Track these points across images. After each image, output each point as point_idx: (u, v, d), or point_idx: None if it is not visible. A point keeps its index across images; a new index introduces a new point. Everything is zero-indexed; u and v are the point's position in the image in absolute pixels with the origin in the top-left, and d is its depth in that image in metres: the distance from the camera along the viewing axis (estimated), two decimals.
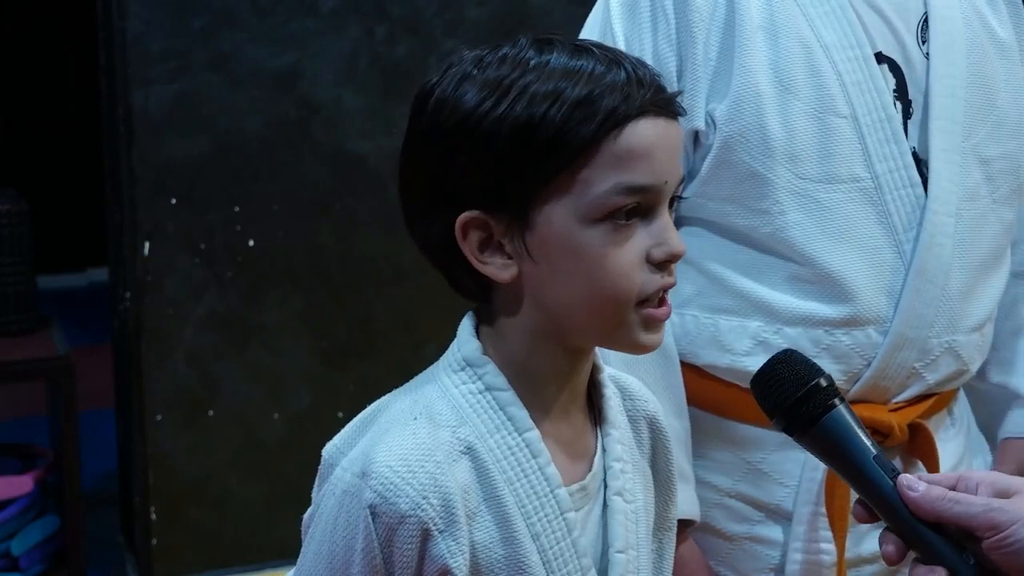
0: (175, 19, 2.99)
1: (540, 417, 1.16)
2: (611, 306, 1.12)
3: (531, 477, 1.14)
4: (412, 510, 1.08)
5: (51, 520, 2.93)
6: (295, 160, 3.12)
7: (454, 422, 1.13)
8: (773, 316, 1.56)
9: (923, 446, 1.60)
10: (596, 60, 1.12)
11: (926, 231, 1.55)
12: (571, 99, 1.09)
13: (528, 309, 1.15)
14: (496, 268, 1.13)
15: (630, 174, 1.10)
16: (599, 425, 1.22)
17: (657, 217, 1.13)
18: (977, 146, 1.59)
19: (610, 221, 1.11)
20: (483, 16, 3.19)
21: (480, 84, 1.11)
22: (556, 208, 1.11)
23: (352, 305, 3.19)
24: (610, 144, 1.10)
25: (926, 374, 1.59)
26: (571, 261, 1.11)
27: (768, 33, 1.54)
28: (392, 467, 1.09)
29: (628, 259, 1.11)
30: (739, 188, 1.56)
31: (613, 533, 1.19)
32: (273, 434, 3.15)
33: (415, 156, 1.15)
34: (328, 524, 1.12)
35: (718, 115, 1.54)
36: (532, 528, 1.14)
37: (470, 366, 1.16)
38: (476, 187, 1.11)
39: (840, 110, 1.54)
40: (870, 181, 1.55)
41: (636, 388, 1.29)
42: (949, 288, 1.57)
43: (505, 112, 1.09)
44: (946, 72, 1.58)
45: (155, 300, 3.04)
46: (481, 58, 1.14)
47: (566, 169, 1.10)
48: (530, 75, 1.11)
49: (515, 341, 1.16)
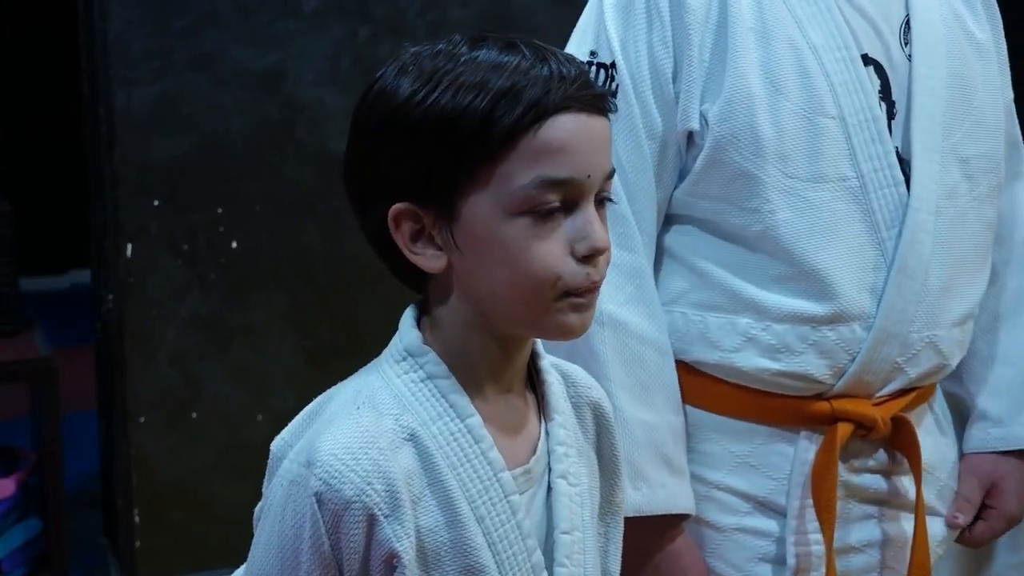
0: (157, 19, 2.98)
1: (481, 403, 1.19)
2: (535, 297, 1.14)
3: (474, 462, 1.17)
4: (357, 496, 1.11)
5: (34, 523, 2.92)
6: (278, 160, 3.12)
7: (396, 410, 1.16)
8: (761, 313, 1.58)
9: (906, 439, 1.63)
10: (523, 55, 1.15)
11: (908, 229, 1.57)
12: (494, 90, 1.12)
13: (459, 299, 1.17)
14: (426, 259, 1.16)
15: (550, 167, 1.12)
16: (542, 411, 1.24)
17: (581, 211, 1.14)
18: (956, 145, 1.62)
19: (532, 214, 1.13)
20: (466, 17, 3.19)
21: (414, 76, 1.14)
22: (480, 200, 1.13)
23: (336, 305, 3.19)
24: (530, 137, 1.12)
25: (908, 368, 1.61)
26: (495, 253, 1.14)
27: (759, 35, 1.56)
28: (336, 455, 1.12)
29: (551, 251, 1.13)
30: (730, 187, 1.58)
31: (557, 515, 1.21)
32: (257, 435, 3.14)
33: (354, 146, 1.19)
34: (276, 515, 1.14)
35: (711, 116, 1.56)
36: (476, 511, 1.16)
37: (411, 356, 1.19)
38: (406, 178, 1.14)
39: (828, 111, 1.56)
40: (856, 180, 1.57)
41: (579, 375, 1.31)
42: (929, 284, 1.59)
43: (433, 102, 1.12)
44: (927, 73, 1.61)
45: (138, 301, 3.03)
46: (419, 52, 1.17)
47: (488, 161, 1.12)
48: (460, 67, 1.13)
49: (451, 330, 1.19)
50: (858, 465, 1.62)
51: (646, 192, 1.59)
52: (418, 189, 1.14)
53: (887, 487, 1.64)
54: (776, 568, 1.63)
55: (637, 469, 1.57)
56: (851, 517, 1.62)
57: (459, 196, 1.14)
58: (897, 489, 1.64)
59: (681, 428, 1.62)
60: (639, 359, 1.59)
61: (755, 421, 1.62)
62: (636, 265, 1.59)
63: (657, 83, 1.58)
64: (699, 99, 1.57)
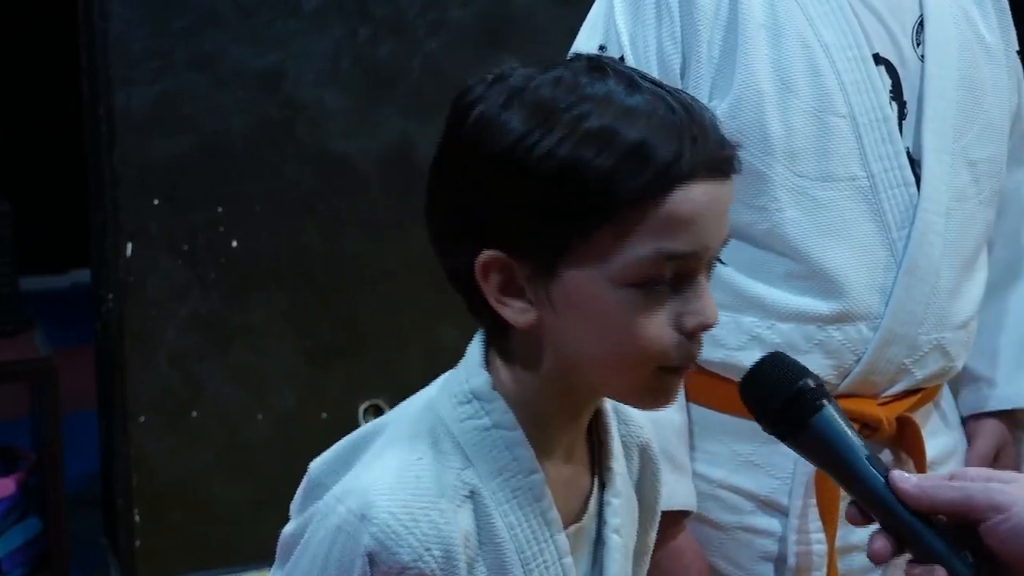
0: (157, 19, 2.98)
1: (544, 457, 1.11)
2: (635, 369, 1.06)
3: (532, 522, 1.10)
4: (414, 561, 1.04)
5: (33, 523, 2.92)
6: (278, 160, 3.11)
7: (459, 464, 1.08)
8: (767, 312, 1.58)
9: (911, 439, 1.63)
10: (652, 96, 1.04)
11: (917, 229, 1.57)
12: (622, 146, 1.01)
13: (544, 356, 1.08)
14: (514, 312, 1.06)
15: (672, 241, 1.03)
16: (600, 459, 1.17)
17: (693, 283, 1.05)
18: (966, 148, 1.62)
19: (644, 286, 1.03)
20: (466, 17, 3.19)
21: (529, 110, 1.02)
22: (587, 264, 1.03)
23: (336, 305, 3.18)
24: (657, 206, 1.02)
25: (915, 370, 1.61)
26: (596, 320, 1.04)
27: (770, 32, 1.56)
28: (395, 514, 1.04)
29: (657, 325, 1.04)
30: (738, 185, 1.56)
31: (608, 571, 1.15)
32: (257, 435, 3.14)
33: (446, 175, 1.08)
34: (319, 557, 1.07)
35: (719, 112, 1.55)
36: (529, 575, 1.10)
37: (478, 399, 1.10)
38: (505, 227, 1.04)
39: (839, 109, 1.56)
40: (866, 180, 1.57)
41: (633, 414, 1.23)
42: (939, 286, 1.59)
43: (551, 150, 1.01)
44: (939, 74, 1.60)
45: (138, 301, 3.03)
46: (531, 77, 1.05)
47: (604, 225, 1.02)
48: (582, 106, 1.02)
49: (527, 381, 1.10)
50: None
51: None
52: (518, 240, 1.04)
53: None
54: (778, 567, 1.63)
55: None
56: None
57: (565, 257, 1.03)
58: None
59: (683, 426, 1.62)
60: None
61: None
62: None
63: (665, 78, 1.57)
64: (708, 95, 1.56)
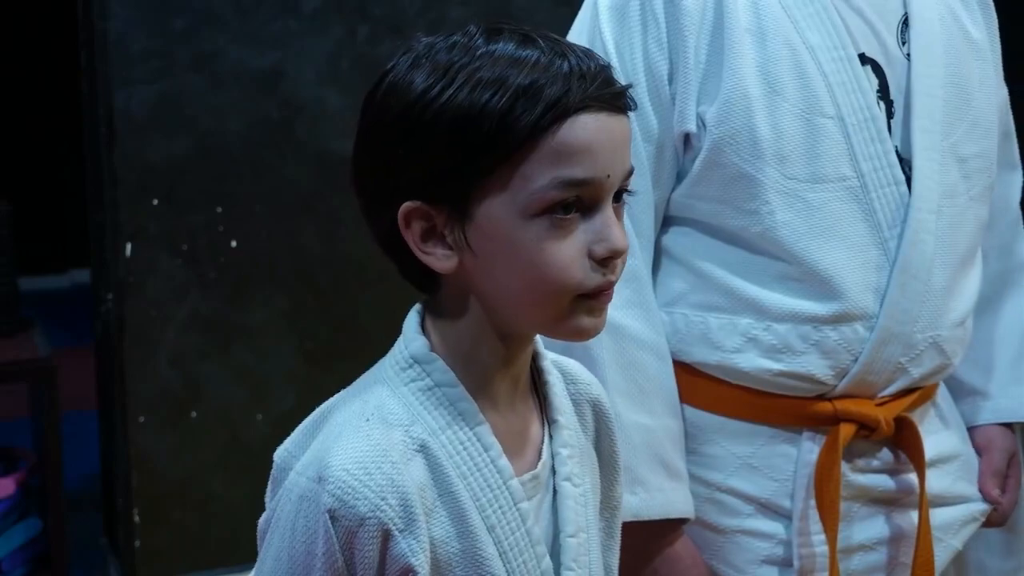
0: (157, 19, 2.98)
1: (489, 409, 1.17)
2: (551, 300, 1.12)
3: (484, 471, 1.15)
4: (371, 512, 1.09)
5: (33, 523, 2.92)
6: (278, 160, 3.11)
7: (406, 421, 1.14)
8: (762, 313, 1.58)
9: (909, 439, 1.63)
10: (541, 50, 1.11)
11: (910, 228, 1.57)
12: (513, 88, 1.08)
13: (470, 300, 1.15)
14: (437, 259, 1.13)
15: (569, 168, 1.09)
16: (545, 412, 1.22)
17: (599, 212, 1.12)
18: (955, 145, 1.62)
19: (549, 215, 1.10)
20: (466, 16, 3.19)
21: (429, 69, 1.11)
22: (496, 201, 1.10)
23: (336, 305, 3.19)
24: (550, 138, 1.09)
25: (911, 368, 1.61)
26: (510, 255, 1.11)
27: (756, 36, 1.56)
28: (348, 470, 1.10)
29: (568, 254, 1.10)
30: (729, 189, 1.58)
31: (564, 518, 1.20)
32: (257, 435, 3.15)
33: (364, 142, 1.15)
34: (286, 530, 1.12)
35: (708, 117, 1.55)
36: (487, 521, 1.15)
37: (418, 363, 1.16)
38: (418, 177, 1.11)
39: (826, 111, 1.56)
40: (856, 180, 1.57)
41: (579, 372, 1.29)
42: (932, 284, 1.59)
43: (449, 99, 1.09)
44: (926, 72, 1.61)
45: (137, 301, 3.03)
46: (432, 44, 1.14)
47: (506, 161, 1.09)
48: (477, 61, 1.10)
49: (459, 333, 1.16)
50: (862, 465, 1.62)
51: (643, 196, 1.59)
52: (431, 188, 1.11)
53: (893, 486, 1.63)
54: (780, 570, 1.62)
55: (634, 474, 1.57)
56: (857, 517, 1.62)
57: (474, 196, 1.10)
58: (903, 487, 1.64)
59: (679, 432, 1.62)
60: (636, 363, 1.59)
61: (757, 422, 1.61)
62: (633, 269, 1.58)
63: (653, 85, 1.58)
64: (696, 101, 1.56)
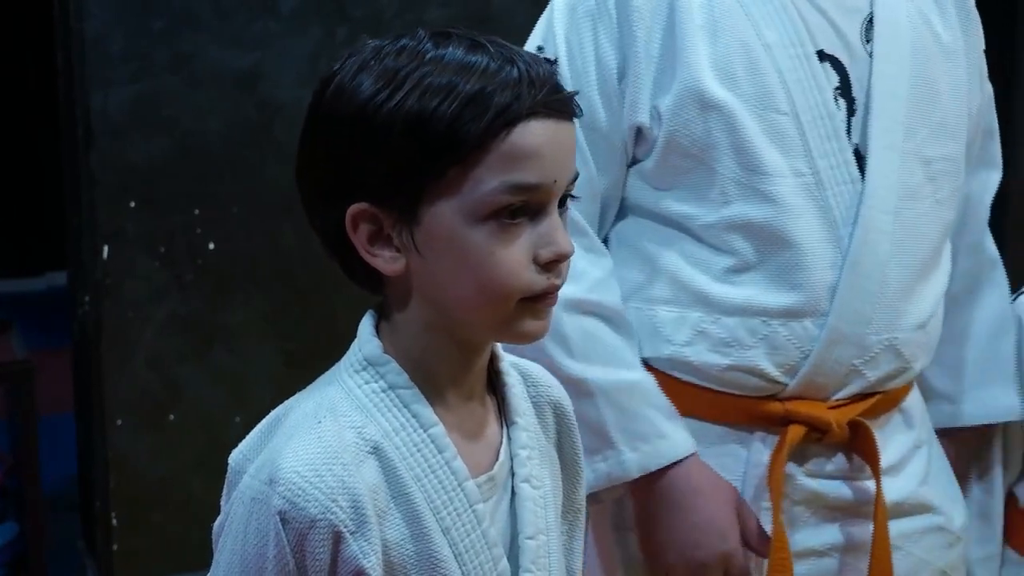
0: (135, 20, 2.97)
1: (443, 411, 1.17)
2: (497, 303, 1.12)
3: (438, 472, 1.15)
4: (322, 514, 1.09)
5: (10, 526, 2.91)
6: (256, 161, 3.11)
7: (359, 422, 1.14)
8: (712, 306, 1.58)
9: (864, 444, 1.61)
10: (490, 56, 1.12)
11: (860, 227, 1.57)
12: (463, 94, 1.09)
13: (418, 302, 1.15)
14: (384, 261, 1.13)
15: (517, 173, 1.10)
16: (504, 414, 1.22)
17: (545, 217, 1.13)
18: (919, 146, 1.62)
19: (496, 220, 1.10)
20: (445, 17, 3.19)
21: (376, 74, 1.11)
22: (444, 205, 1.11)
23: (315, 306, 3.18)
24: (499, 143, 1.10)
25: (866, 371, 1.60)
26: (457, 258, 1.11)
27: (709, 32, 1.58)
28: (299, 472, 1.09)
29: (514, 258, 1.11)
30: (683, 180, 1.59)
31: (522, 520, 1.20)
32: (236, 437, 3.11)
33: (310, 144, 1.16)
34: (239, 533, 1.12)
35: (663, 109, 1.57)
36: (442, 523, 1.15)
37: (372, 365, 1.16)
38: (367, 180, 1.12)
39: (780, 107, 1.57)
40: (811, 176, 1.57)
41: (539, 374, 1.29)
42: (888, 285, 1.59)
43: (398, 104, 1.09)
44: (888, 72, 1.61)
45: (115, 303, 3.02)
46: (380, 48, 1.14)
47: (455, 166, 1.10)
48: (425, 67, 1.11)
49: (410, 335, 1.16)
50: (814, 469, 1.61)
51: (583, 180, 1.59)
52: (379, 191, 1.12)
53: (849, 492, 1.62)
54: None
55: (630, 432, 1.57)
56: (810, 522, 1.61)
57: (422, 200, 1.11)
58: (859, 494, 1.63)
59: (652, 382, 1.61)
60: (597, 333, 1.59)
61: (708, 420, 1.61)
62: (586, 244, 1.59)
63: (602, 78, 1.59)
64: (650, 94, 1.58)
